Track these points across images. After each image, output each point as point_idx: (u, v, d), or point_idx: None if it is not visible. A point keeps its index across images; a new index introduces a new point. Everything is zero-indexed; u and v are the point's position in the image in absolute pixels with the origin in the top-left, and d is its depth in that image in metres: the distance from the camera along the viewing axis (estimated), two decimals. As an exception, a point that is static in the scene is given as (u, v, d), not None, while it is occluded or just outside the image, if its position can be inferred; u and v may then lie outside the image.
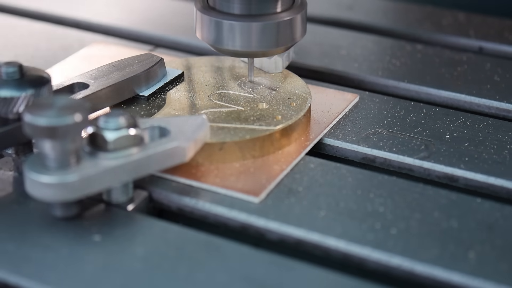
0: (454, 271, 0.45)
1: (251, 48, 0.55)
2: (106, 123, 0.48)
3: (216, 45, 0.56)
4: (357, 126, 0.58)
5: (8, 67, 0.50)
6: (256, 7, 0.55)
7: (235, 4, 0.55)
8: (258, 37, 0.55)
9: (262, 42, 0.55)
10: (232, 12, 0.55)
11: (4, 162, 0.54)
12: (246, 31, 0.55)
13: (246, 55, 0.57)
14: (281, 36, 0.55)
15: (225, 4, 0.55)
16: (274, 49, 0.56)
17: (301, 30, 0.56)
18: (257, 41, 0.55)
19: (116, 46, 0.70)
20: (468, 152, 0.55)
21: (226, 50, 0.56)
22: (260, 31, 0.54)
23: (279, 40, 0.55)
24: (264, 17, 0.55)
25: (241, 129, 0.54)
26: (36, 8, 0.79)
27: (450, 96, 0.63)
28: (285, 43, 0.56)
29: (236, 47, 0.55)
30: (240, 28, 0.55)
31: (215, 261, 0.46)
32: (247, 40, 0.55)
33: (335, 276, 0.45)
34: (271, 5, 0.55)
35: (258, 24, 0.54)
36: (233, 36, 0.55)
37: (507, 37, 0.73)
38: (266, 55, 0.57)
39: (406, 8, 0.80)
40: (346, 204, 0.50)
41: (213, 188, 0.51)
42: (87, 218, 0.49)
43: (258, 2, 0.55)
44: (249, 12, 0.55)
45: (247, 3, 0.55)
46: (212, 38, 0.56)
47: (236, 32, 0.55)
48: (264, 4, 0.55)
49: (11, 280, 0.45)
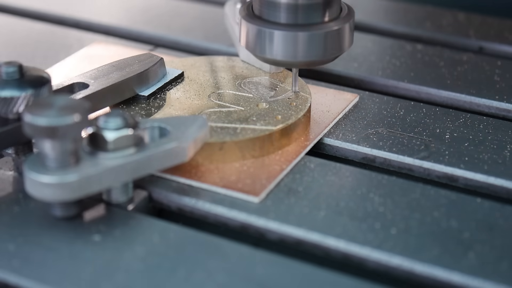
0: (454, 271, 0.45)
1: (297, 58, 0.54)
2: (106, 123, 0.48)
3: (261, 54, 0.55)
4: (357, 126, 0.58)
5: (8, 67, 0.50)
6: (302, 17, 0.53)
7: (281, 13, 0.53)
8: (304, 47, 0.53)
9: (308, 52, 0.54)
10: (278, 21, 0.54)
11: (4, 162, 0.54)
12: (292, 41, 0.53)
13: (290, 65, 0.56)
14: (328, 47, 0.54)
15: (271, 13, 0.54)
16: (320, 60, 0.55)
17: (349, 40, 0.55)
18: (302, 51, 0.54)
19: (116, 46, 0.70)
20: (468, 152, 0.55)
21: (271, 60, 0.55)
22: (306, 41, 0.53)
23: (326, 51, 0.54)
24: (310, 27, 0.53)
25: (241, 129, 0.54)
26: (36, 8, 0.79)
27: (450, 96, 0.63)
28: (332, 53, 0.55)
29: (280, 57, 0.54)
30: (284, 37, 0.53)
31: (215, 261, 0.46)
32: (292, 50, 0.54)
33: (335, 276, 0.45)
34: (318, 15, 0.54)
35: (304, 34, 0.53)
36: (277, 45, 0.54)
37: (507, 37, 0.73)
38: (311, 66, 0.56)
39: (406, 8, 0.80)
40: (346, 204, 0.50)
41: (213, 188, 0.51)
42: (87, 218, 0.49)
43: (304, 12, 0.53)
44: (295, 21, 0.53)
45: (293, 13, 0.53)
46: (257, 47, 0.54)
47: (281, 42, 0.53)
48: (310, 13, 0.53)
49: (11, 280, 0.45)
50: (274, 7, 0.54)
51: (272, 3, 0.54)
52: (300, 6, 0.53)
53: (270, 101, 0.57)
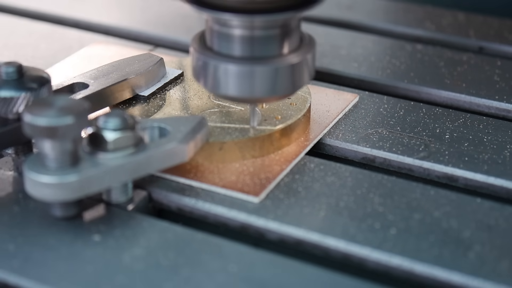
0: (454, 271, 0.45)
1: (253, 94, 0.49)
2: (106, 123, 0.48)
3: (214, 90, 0.50)
4: (357, 126, 0.58)
5: (8, 67, 0.50)
6: (259, 49, 0.49)
7: (236, 45, 0.49)
8: (260, 83, 0.49)
9: (264, 88, 0.49)
10: (232, 54, 0.49)
11: (4, 162, 0.54)
12: (247, 76, 0.49)
13: (248, 101, 0.52)
14: (290, 81, 0.50)
15: (224, 45, 0.49)
16: (277, 96, 0.50)
17: (311, 72, 0.51)
18: (260, 86, 0.49)
19: (116, 46, 0.70)
20: (468, 152, 0.55)
21: (225, 96, 0.51)
22: (262, 76, 0.49)
23: (287, 85, 0.50)
24: (267, 61, 0.49)
25: (241, 129, 0.54)
26: (36, 8, 0.79)
27: (450, 96, 0.63)
28: (295, 86, 0.50)
29: (235, 93, 0.49)
30: (239, 72, 0.49)
31: (215, 261, 0.46)
32: (248, 85, 0.49)
33: (335, 276, 0.45)
34: (275, 47, 0.49)
35: (260, 69, 0.48)
36: (231, 80, 0.49)
37: (507, 37, 0.73)
38: (268, 101, 0.53)
39: (406, 8, 0.80)
40: (346, 204, 0.50)
41: (213, 188, 0.51)
42: (87, 218, 0.49)
43: (260, 44, 0.48)
44: (251, 54, 0.49)
45: (249, 45, 0.48)
46: (209, 83, 0.50)
47: (234, 77, 0.49)
48: (267, 46, 0.49)
49: (11, 280, 0.45)
50: (227, 38, 0.49)
51: (225, 34, 0.49)
52: (256, 38, 0.48)
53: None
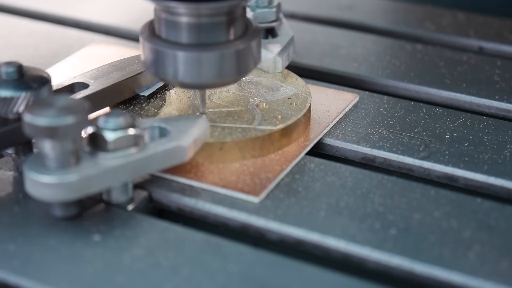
0: (454, 271, 0.45)
1: (201, 80, 0.51)
2: (106, 123, 0.48)
3: (164, 77, 0.52)
4: (357, 126, 0.58)
5: (8, 67, 0.50)
6: (205, 36, 0.50)
7: (183, 32, 0.50)
8: (208, 68, 0.50)
9: (211, 73, 0.51)
10: (180, 41, 0.50)
11: (4, 162, 0.54)
12: (194, 62, 0.50)
13: (196, 86, 0.53)
14: (236, 66, 0.51)
15: (171, 33, 0.50)
16: (223, 81, 0.52)
17: (256, 59, 0.52)
18: (207, 72, 0.50)
19: (116, 46, 0.70)
20: (468, 152, 0.55)
21: (174, 82, 0.52)
22: (208, 61, 0.50)
23: (233, 70, 0.51)
24: (214, 47, 0.50)
25: (241, 129, 0.54)
26: (36, 8, 0.79)
27: (450, 96, 0.63)
28: (241, 72, 0.52)
29: (183, 79, 0.51)
30: (187, 59, 0.50)
31: (215, 261, 0.46)
32: (196, 71, 0.50)
33: (335, 276, 0.45)
34: (222, 33, 0.50)
35: (207, 55, 0.50)
36: (180, 67, 0.50)
37: (507, 37, 0.73)
38: (217, 87, 0.54)
39: (406, 8, 0.80)
40: (346, 204, 0.50)
41: (213, 188, 0.51)
42: (87, 218, 0.49)
43: (207, 31, 0.50)
44: (198, 41, 0.50)
45: (196, 32, 0.50)
46: (158, 69, 0.51)
47: (183, 63, 0.50)
48: (213, 32, 0.50)
49: (11, 280, 0.45)
50: (175, 26, 0.50)
51: (172, 22, 0.50)
52: (203, 25, 0.50)
53: (270, 101, 0.57)
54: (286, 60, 0.62)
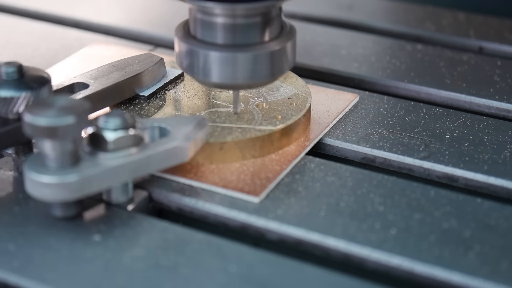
0: (454, 271, 0.45)
1: (236, 80, 0.51)
2: (106, 123, 0.48)
3: (198, 77, 0.52)
4: (357, 126, 0.58)
5: (8, 67, 0.50)
6: (240, 37, 0.50)
7: (218, 33, 0.50)
8: (242, 69, 0.51)
9: (247, 74, 0.51)
10: (215, 42, 0.51)
11: (4, 162, 0.54)
12: (228, 63, 0.50)
13: (230, 87, 0.53)
14: (270, 67, 0.51)
15: (207, 33, 0.51)
16: (257, 82, 0.52)
17: (291, 60, 0.53)
18: (241, 73, 0.51)
19: (116, 46, 0.70)
20: (468, 152, 0.55)
21: (208, 83, 0.52)
22: (243, 62, 0.50)
23: (267, 71, 0.51)
24: (248, 47, 0.50)
25: (241, 129, 0.54)
26: (36, 8, 0.79)
27: (450, 96, 0.63)
28: (275, 73, 0.52)
29: (217, 79, 0.51)
30: (221, 59, 0.50)
31: (215, 261, 0.46)
32: (231, 71, 0.51)
33: (335, 276, 0.45)
34: (256, 35, 0.51)
35: (241, 55, 0.50)
36: (214, 67, 0.51)
37: (507, 37, 0.73)
38: (249, 88, 0.54)
39: (406, 8, 0.80)
40: (346, 204, 0.50)
41: (213, 188, 0.51)
42: (87, 218, 0.49)
43: (242, 32, 0.50)
44: (233, 41, 0.50)
45: (231, 32, 0.50)
46: (193, 68, 0.52)
47: (217, 64, 0.51)
48: (249, 33, 0.50)
49: (11, 280, 0.45)
50: (210, 27, 0.51)
51: (207, 23, 0.50)
52: (238, 26, 0.50)
53: (270, 101, 0.57)
54: None
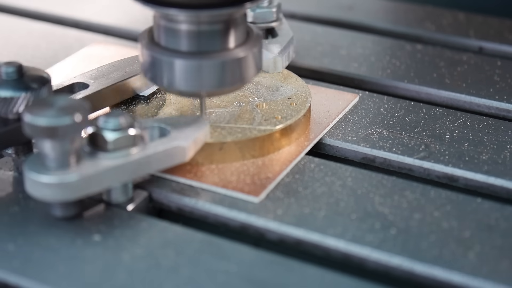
0: (454, 271, 0.45)
1: (201, 88, 0.50)
2: (106, 123, 0.48)
3: (164, 86, 0.51)
4: (357, 126, 0.58)
5: (8, 67, 0.50)
6: (205, 43, 0.49)
7: (183, 40, 0.49)
8: (207, 77, 0.49)
9: (211, 82, 0.50)
10: (179, 49, 0.50)
11: (4, 162, 0.54)
12: (196, 70, 0.49)
13: (196, 95, 0.52)
14: (237, 74, 0.50)
15: (171, 40, 0.50)
16: (224, 89, 0.51)
17: (257, 67, 0.52)
18: (207, 81, 0.50)
19: (116, 46, 0.70)
20: (468, 152, 0.55)
21: (174, 91, 0.51)
22: (209, 70, 0.49)
23: (234, 78, 0.50)
24: (214, 54, 0.49)
25: (241, 129, 0.54)
26: (36, 8, 0.79)
27: (450, 96, 0.63)
28: (242, 80, 0.51)
29: (183, 88, 0.50)
30: (187, 67, 0.49)
31: (215, 261, 0.46)
32: (196, 79, 0.49)
33: (335, 276, 0.45)
34: (221, 41, 0.50)
35: (207, 63, 0.49)
36: (179, 75, 0.49)
37: (507, 37, 0.73)
38: (216, 95, 0.53)
39: (406, 8, 0.80)
40: (346, 204, 0.50)
41: (213, 188, 0.51)
42: (87, 218, 0.49)
43: (207, 38, 0.49)
44: (198, 48, 0.49)
45: (195, 40, 0.49)
46: (158, 78, 0.50)
47: (183, 72, 0.49)
48: (213, 40, 0.49)
49: (11, 280, 0.45)
50: (173, 34, 0.49)
51: (171, 29, 0.49)
52: (203, 33, 0.49)
53: (270, 101, 0.57)
54: (286, 60, 0.62)
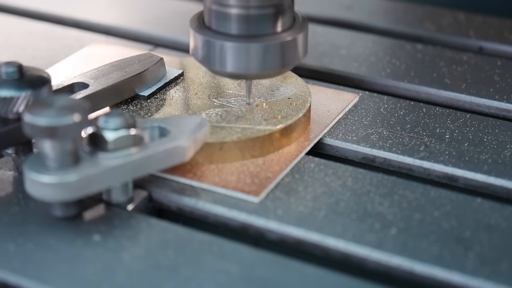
0: (454, 271, 0.45)
1: (248, 70, 0.52)
2: (106, 123, 0.48)
3: (212, 67, 0.53)
4: (357, 126, 0.58)
5: (8, 67, 0.50)
6: (254, 27, 0.52)
7: (232, 23, 0.52)
8: (255, 59, 0.52)
9: (260, 64, 0.52)
10: (229, 32, 0.52)
11: (4, 162, 0.54)
12: (242, 53, 0.52)
13: (243, 77, 0.54)
14: (282, 58, 0.52)
15: (221, 24, 0.52)
16: (272, 72, 0.53)
17: (303, 51, 0.54)
18: (254, 63, 0.52)
19: (116, 46, 0.70)
20: (468, 152, 0.55)
21: (222, 72, 0.53)
22: (256, 52, 0.52)
23: (280, 62, 0.52)
24: (261, 38, 0.52)
25: (241, 129, 0.54)
26: (36, 8, 0.79)
27: (450, 96, 0.63)
28: (287, 64, 0.53)
29: (230, 69, 0.52)
30: (234, 49, 0.52)
31: (215, 261, 0.46)
32: (244, 61, 0.52)
33: (335, 276, 0.45)
34: (270, 25, 0.52)
35: (254, 45, 0.51)
36: (228, 57, 0.52)
37: (507, 37, 0.73)
38: (263, 77, 0.54)
39: (406, 8, 0.80)
40: (346, 204, 0.50)
41: (213, 188, 0.51)
42: (87, 218, 0.49)
43: (256, 22, 0.52)
44: (247, 32, 0.52)
45: (244, 23, 0.52)
46: (208, 59, 0.53)
47: (231, 54, 0.52)
48: (262, 24, 0.52)
49: (11, 280, 0.45)
50: (224, 17, 0.52)
51: (222, 13, 0.52)
52: (252, 17, 0.51)
53: (270, 101, 0.57)
54: None
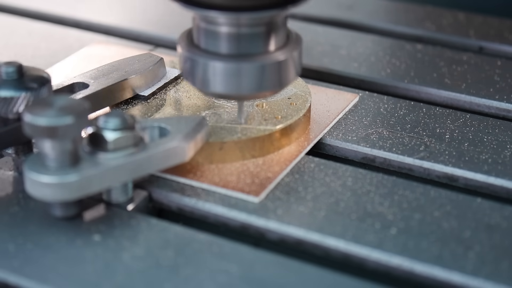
0: (454, 271, 0.45)
1: (240, 91, 0.49)
2: (106, 123, 0.48)
3: (202, 88, 0.50)
4: (357, 126, 0.58)
5: (8, 67, 0.50)
6: (245, 46, 0.49)
7: (222, 42, 0.49)
8: (247, 80, 0.49)
9: (251, 85, 0.49)
10: (219, 52, 0.49)
11: (4, 162, 0.54)
12: (235, 73, 0.49)
13: (235, 98, 0.52)
14: (276, 77, 0.50)
15: (211, 43, 0.49)
16: (263, 92, 0.50)
17: (297, 69, 0.51)
18: (246, 84, 0.49)
19: (116, 46, 0.70)
20: (468, 152, 0.55)
21: (213, 94, 0.51)
22: (248, 73, 0.49)
23: (273, 82, 0.50)
24: (253, 58, 0.49)
25: (241, 128, 0.54)
26: (36, 8, 0.79)
27: (450, 96, 0.63)
28: (277, 86, 0.50)
29: (222, 90, 0.49)
30: (225, 70, 0.49)
31: (215, 261, 0.46)
32: (235, 82, 0.49)
33: (335, 276, 0.45)
34: (261, 44, 0.49)
35: (246, 66, 0.49)
36: (218, 78, 0.49)
37: (507, 37, 0.73)
38: (255, 98, 0.53)
39: (406, 8, 0.80)
40: (346, 204, 0.50)
41: (213, 188, 0.51)
42: (87, 218, 0.49)
43: (247, 41, 0.49)
44: (237, 51, 0.49)
45: (235, 42, 0.49)
46: (197, 80, 0.50)
47: (221, 74, 0.49)
48: (253, 43, 0.49)
49: (11, 280, 0.45)
50: (214, 36, 0.49)
51: (211, 32, 0.49)
52: (243, 35, 0.48)
53: (270, 101, 0.57)
54: None
